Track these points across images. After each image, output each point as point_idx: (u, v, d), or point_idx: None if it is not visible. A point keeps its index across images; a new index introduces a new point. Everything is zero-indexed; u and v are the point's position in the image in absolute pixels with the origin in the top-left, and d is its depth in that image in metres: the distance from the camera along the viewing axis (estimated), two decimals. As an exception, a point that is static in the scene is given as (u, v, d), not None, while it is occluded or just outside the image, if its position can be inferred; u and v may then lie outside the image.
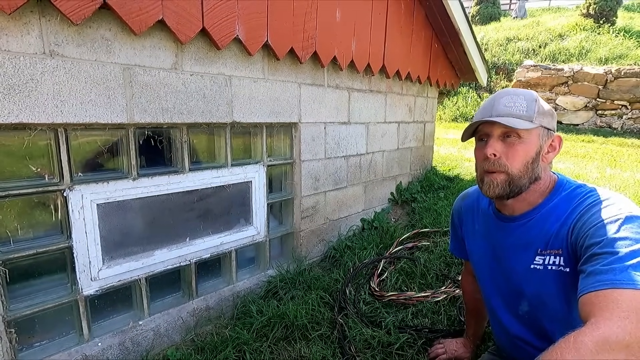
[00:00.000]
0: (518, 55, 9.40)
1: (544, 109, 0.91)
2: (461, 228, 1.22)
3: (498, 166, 0.91)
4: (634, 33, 9.00)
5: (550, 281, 0.90)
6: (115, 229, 1.53)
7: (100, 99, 1.34)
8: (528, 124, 0.88)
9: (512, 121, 0.88)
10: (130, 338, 1.58)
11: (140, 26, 1.32)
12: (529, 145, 0.90)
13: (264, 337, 1.67)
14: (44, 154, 1.33)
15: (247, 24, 1.65)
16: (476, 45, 3.29)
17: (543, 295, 0.93)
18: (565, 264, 0.86)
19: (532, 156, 0.90)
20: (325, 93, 2.26)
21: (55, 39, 1.21)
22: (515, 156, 0.90)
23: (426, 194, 3.27)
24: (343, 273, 2.19)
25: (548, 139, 0.92)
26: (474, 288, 1.28)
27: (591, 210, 0.82)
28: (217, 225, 1.89)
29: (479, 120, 0.93)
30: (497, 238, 1.03)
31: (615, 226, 0.75)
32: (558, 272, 0.88)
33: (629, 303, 0.64)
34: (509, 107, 0.90)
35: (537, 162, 0.91)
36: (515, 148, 0.90)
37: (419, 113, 3.29)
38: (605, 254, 0.73)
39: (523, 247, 0.95)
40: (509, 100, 0.91)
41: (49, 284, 1.43)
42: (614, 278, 0.68)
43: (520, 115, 0.89)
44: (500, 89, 0.98)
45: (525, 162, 0.90)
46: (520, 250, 0.95)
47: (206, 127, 1.74)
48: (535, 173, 0.92)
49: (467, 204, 1.19)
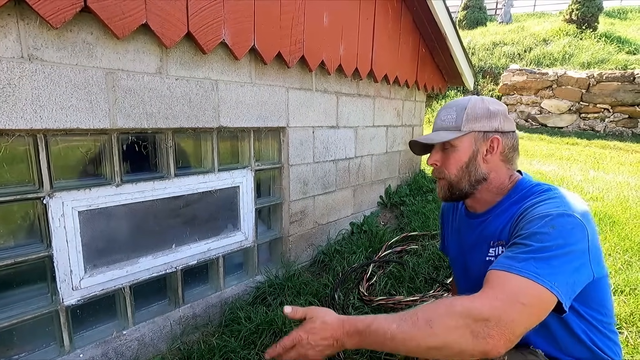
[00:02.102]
0: (504, 60, 9.58)
1: (475, 114, 0.95)
2: (444, 227, 1.29)
3: (439, 173, 1.01)
4: (614, 38, 9.26)
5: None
6: (98, 236, 1.49)
7: (82, 104, 1.31)
8: (453, 134, 0.95)
9: (439, 135, 0.97)
10: (113, 348, 1.54)
11: (123, 30, 1.29)
12: (461, 152, 0.97)
13: (252, 344, 1.65)
14: (22, 160, 1.29)
15: (234, 27, 1.64)
16: (463, 49, 3.33)
17: None
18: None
19: (464, 161, 0.97)
20: (313, 97, 2.25)
21: (34, 42, 1.18)
22: (449, 164, 0.98)
23: (415, 197, 3.29)
24: (332, 278, 2.18)
25: (485, 141, 0.96)
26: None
27: (534, 206, 0.86)
28: (204, 231, 1.86)
29: (415, 140, 1.05)
30: (464, 234, 1.10)
31: (542, 222, 0.79)
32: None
33: (511, 287, 0.72)
34: (443, 120, 0.99)
35: (474, 165, 0.97)
36: (449, 156, 0.98)
37: (407, 117, 3.31)
38: (521, 244, 0.79)
39: (481, 242, 1.00)
40: (444, 114, 1.00)
41: (28, 294, 1.38)
42: (512, 264, 0.75)
43: (448, 127, 0.97)
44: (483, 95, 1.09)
45: (459, 167, 0.97)
46: (479, 245, 1.01)
47: (192, 132, 1.72)
48: (475, 175, 0.97)
49: (447, 205, 1.26)
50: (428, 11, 2.82)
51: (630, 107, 7.21)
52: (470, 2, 13.74)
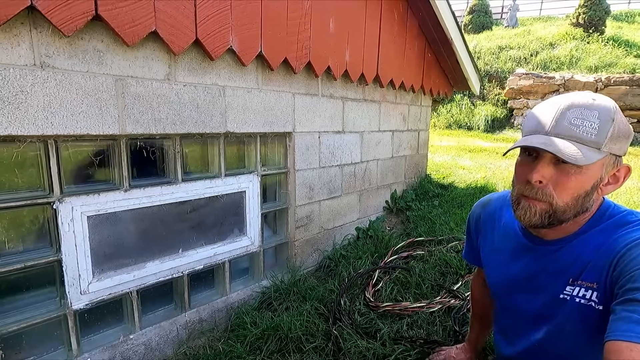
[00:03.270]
0: (510, 64, 9.53)
1: (619, 131, 0.72)
2: (477, 238, 1.11)
3: (541, 195, 0.76)
4: (622, 42, 9.18)
5: (577, 315, 0.79)
6: (106, 241, 1.50)
7: (92, 110, 1.33)
8: (593, 155, 0.70)
9: (573, 150, 0.69)
10: (120, 353, 1.54)
11: (133, 38, 1.31)
12: (587, 177, 0.73)
13: (258, 350, 1.65)
14: (33, 165, 1.31)
15: (241, 34, 1.66)
16: (468, 54, 3.33)
17: (566, 328, 0.83)
18: (599, 301, 0.75)
19: (586, 190, 0.74)
20: (319, 102, 2.26)
21: (46, 50, 1.20)
22: (565, 187, 0.74)
23: (421, 202, 3.28)
24: (338, 283, 2.17)
25: (613, 168, 0.75)
26: (484, 293, 1.22)
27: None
28: (210, 236, 1.87)
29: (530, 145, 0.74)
30: (523, 258, 0.91)
31: None
32: (588, 308, 0.76)
33: None
34: (575, 125, 0.71)
35: (592, 195, 0.76)
36: (569, 178, 0.73)
37: (412, 121, 3.31)
38: None
39: (553, 274, 0.83)
40: (577, 116, 0.72)
41: (37, 298, 1.40)
42: None
43: (586, 140, 0.70)
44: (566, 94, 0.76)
45: (576, 196, 0.75)
46: (549, 277, 0.84)
47: (199, 137, 1.73)
48: (584, 207, 0.77)
49: (487, 213, 1.06)
50: (434, 16, 2.82)
51: (639, 111, 7.13)
52: (476, 6, 13.73)
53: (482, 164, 5.10)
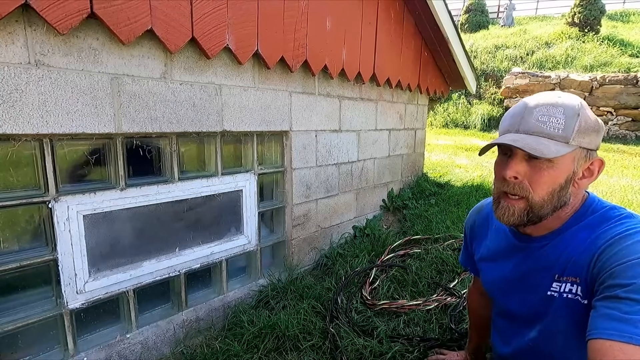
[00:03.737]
0: (506, 63, 9.57)
1: (587, 125, 0.74)
2: (472, 243, 1.12)
3: (518, 190, 0.78)
4: (617, 41, 9.24)
5: (565, 311, 0.81)
6: (102, 240, 1.50)
7: (88, 108, 1.32)
8: (561, 148, 0.73)
9: (541, 145, 0.72)
10: (117, 352, 1.54)
11: (129, 36, 1.31)
12: (559, 171, 0.75)
13: (255, 348, 1.65)
14: (28, 164, 1.30)
15: (237, 33, 1.65)
16: (465, 53, 3.34)
17: (558, 326, 0.84)
18: (583, 295, 0.76)
19: (560, 183, 0.76)
20: (316, 101, 2.26)
21: (41, 48, 1.20)
22: (540, 182, 0.76)
23: (417, 200, 3.29)
24: (335, 281, 2.18)
25: (586, 161, 0.77)
26: (480, 304, 1.22)
27: (622, 241, 0.70)
28: (207, 234, 1.86)
29: (499, 142, 0.77)
30: (513, 258, 0.93)
31: None
32: (574, 302, 0.78)
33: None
34: (542, 122, 0.74)
35: (567, 189, 0.77)
36: (542, 173, 0.76)
37: (409, 120, 3.32)
38: (630, 300, 0.62)
39: (540, 271, 0.85)
40: (543, 113, 0.75)
41: (32, 297, 1.39)
42: (635, 332, 0.60)
43: (553, 134, 0.73)
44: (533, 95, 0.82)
45: (551, 189, 0.77)
46: (537, 274, 0.85)
47: (196, 136, 1.73)
48: (561, 201, 0.78)
49: (481, 218, 1.08)
50: (430, 15, 2.83)
51: (633, 110, 7.19)
52: (472, 5, 13.77)
53: (478, 162, 5.12)
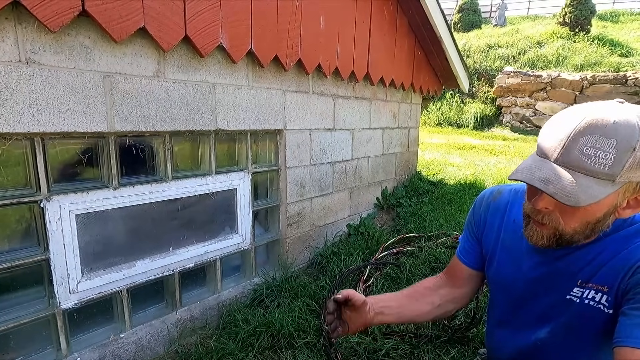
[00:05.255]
0: (499, 62, 9.65)
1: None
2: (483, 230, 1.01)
3: (547, 221, 0.73)
4: (607, 41, 9.37)
5: (583, 317, 0.78)
6: (95, 239, 1.49)
7: (80, 107, 1.31)
8: (603, 190, 0.63)
9: (577, 189, 0.62)
10: (111, 352, 1.53)
11: (121, 34, 1.30)
12: (599, 206, 0.67)
13: (250, 346, 1.65)
14: (19, 163, 1.29)
15: (231, 31, 1.65)
16: (458, 52, 3.37)
17: (573, 329, 0.81)
18: (609, 305, 0.73)
19: (597, 217, 0.69)
20: (310, 100, 2.27)
21: (31, 46, 1.18)
22: (573, 217, 0.70)
23: (411, 199, 3.31)
24: (329, 279, 2.19)
25: (634, 192, 0.68)
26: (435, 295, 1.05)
27: None
28: (201, 233, 1.86)
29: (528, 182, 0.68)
30: (532, 258, 0.88)
31: None
32: (596, 310, 0.75)
33: None
34: (587, 156, 0.62)
35: (605, 220, 0.70)
36: (577, 208, 0.67)
37: (403, 119, 3.34)
38: None
39: (562, 275, 0.81)
40: (590, 144, 0.62)
41: (24, 297, 1.38)
42: None
43: (597, 172, 0.62)
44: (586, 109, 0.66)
45: (585, 222, 0.70)
46: (558, 278, 0.82)
47: (189, 134, 1.72)
48: (596, 231, 0.73)
49: (496, 206, 0.99)
50: (423, 14, 2.84)
51: (622, 109, 7.28)
52: (465, 4, 13.85)
53: (471, 161, 5.17)
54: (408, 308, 1.04)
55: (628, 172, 0.62)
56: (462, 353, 1.55)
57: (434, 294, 1.04)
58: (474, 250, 1.04)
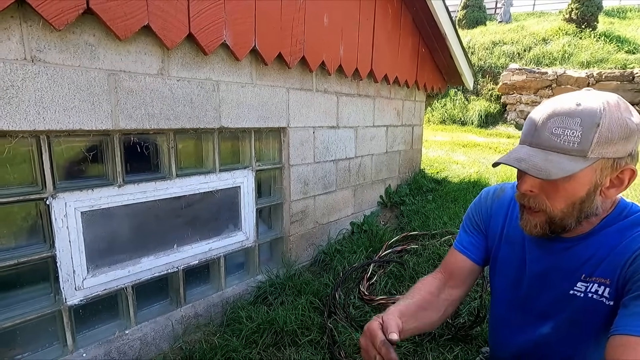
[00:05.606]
0: (504, 59, 9.57)
1: (611, 134, 0.67)
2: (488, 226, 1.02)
3: (535, 204, 0.76)
4: (614, 38, 9.26)
5: (587, 311, 0.80)
6: (101, 236, 1.50)
7: (84, 105, 1.32)
8: (576, 165, 0.67)
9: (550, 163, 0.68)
10: (116, 348, 1.55)
11: (125, 32, 1.30)
12: (577, 184, 0.71)
13: (254, 343, 1.66)
14: (25, 161, 1.30)
15: (235, 29, 1.65)
16: (462, 49, 3.34)
17: (576, 323, 0.83)
18: (610, 297, 0.75)
19: (580, 196, 0.72)
20: (313, 97, 2.26)
21: (37, 44, 1.19)
22: (556, 196, 0.73)
23: (415, 197, 3.30)
24: (333, 277, 2.19)
25: (613, 170, 0.71)
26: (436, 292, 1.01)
27: None
28: (205, 231, 1.87)
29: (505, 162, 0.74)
30: (534, 253, 0.90)
31: None
32: (598, 303, 0.77)
33: None
34: (556, 135, 0.69)
35: (591, 199, 0.73)
36: (557, 187, 0.72)
37: (407, 116, 3.32)
38: None
39: (564, 270, 0.83)
40: (557, 125, 0.69)
41: (31, 294, 1.39)
42: None
43: (567, 148, 0.68)
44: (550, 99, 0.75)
45: (570, 202, 0.73)
46: (560, 273, 0.84)
47: (193, 132, 1.72)
48: (585, 212, 0.75)
49: (500, 203, 1.01)
50: (428, 11, 2.83)
51: (629, 106, 7.21)
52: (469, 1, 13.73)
53: (475, 159, 5.14)
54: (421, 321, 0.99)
55: (598, 147, 0.67)
56: (466, 351, 1.55)
57: (438, 301, 1.01)
58: (479, 244, 1.03)
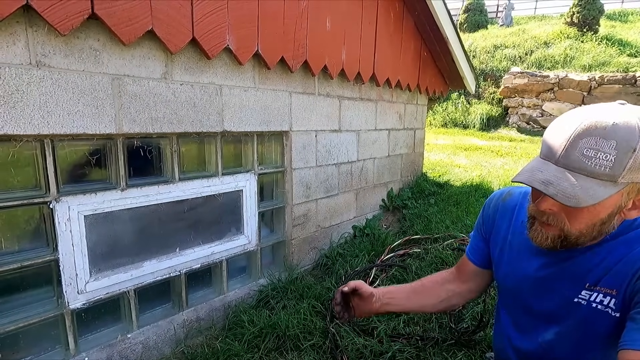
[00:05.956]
0: (505, 62, 9.59)
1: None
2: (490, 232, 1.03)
3: (553, 221, 0.73)
4: (615, 41, 9.26)
5: (590, 320, 0.78)
6: (103, 240, 1.50)
7: (88, 109, 1.33)
8: (604, 191, 0.63)
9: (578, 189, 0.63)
10: (118, 352, 1.55)
11: (130, 36, 1.31)
12: (602, 207, 0.68)
13: (256, 348, 1.65)
14: (29, 165, 1.30)
15: (238, 33, 1.66)
16: (464, 53, 3.35)
17: (580, 331, 0.82)
18: (616, 308, 0.74)
19: (602, 218, 0.70)
20: (316, 101, 2.27)
21: (42, 49, 1.20)
22: (577, 218, 0.70)
23: (417, 200, 3.30)
24: (335, 281, 2.18)
25: (638, 193, 0.68)
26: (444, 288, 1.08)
27: None
28: (207, 234, 1.87)
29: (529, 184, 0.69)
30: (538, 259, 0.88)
31: None
32: (603, 314, 0.76)
33: None
34: (587, 157, 0.63)
35: (610, 221, 0.71)
36: (582, 210, 0.68)
37: (409, 120, 3.32)
38: None
39: (569, 278, 0.81)
40: (590, 146, 0.63)
41: (34, 297, 1.39)
42: None
43: (598, 173, 0.63)
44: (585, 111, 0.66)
45: (591, 224, 0.71)
46: (565, 280, 0.82)
47: (196, 136, 1.73)
48: (602, 232, 0.73)
49: (506, 206, 1.00)
50: (429, 15, 2.83)
51: (632, 109, 7.19)
52: (471, 5, 13.78)
53: (477, 162, 5.13)
54: (413, 301, 1.09)
55: (630, 173, 0.62)
56: (469, 357, 1.54)
57: (440, 288, 1.09)
58: (480, 249, 1.05)
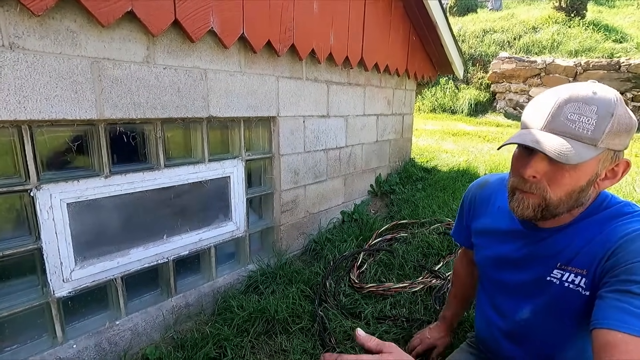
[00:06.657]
0: (494, 47, 9.59)
1: (620, 126, 0.68)
2: (471, 218, 1.11)
3: (535, 189, 0.76)
4: (602, 27, 9.33)
5: (562, 299, 0.82)
6: (88, 228, 1.48)
7: (67, 94, 1.28)
8: (587, 152, 0.68)
9: (567, 148, 0.67)
10: (107, 338, 1.55)
11: (108, 18, 1.26)
12: (582, 173, 0.72)
13: (245, 332, 1.68)
14: (7, 152, 1.26)
15: (222, 15, 1.61)
16: (453, 38, 3.33)
17: (553, 310, 0.86)
18: (586, 287, 0.77)
19: (581, 185, 0.73)
20: (303, 86, 2.24)
21: (15, 30, 1.14)
22: (559, 184, 0.73)
23: (404, 185, 3.33)
24: (323, 266, 2.21)
25: (611, 163, 0.73)
26: (468, 271, 1.28)
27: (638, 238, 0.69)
28: (195, 221, 1.86)
29: (521, 142, 0.73)
30: (514, 241, 0.93)
31: None
32: (574, 292, 0.79)
33: None
34: (571, 121, 0.68)
35: (587, 190, 0.75)
36: (563, 174, 0.72)
37: (397, 105, 3.32)
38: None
39: (543, 258, 0.85)
40: (574, 111, 0.69)
41: (18, 286, 1.38)
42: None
43: (581, 135, 0.68)
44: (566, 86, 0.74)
45: (570, 190, 0.74)
46: (539, 260, 0.86)
47: (181, 122, 1.70)
48: (579, 202, 0.76)
49: (484, 194, 1.06)
50: (419, -1, 2.80)
51: (615, 95, 7.32)
52: (461, -12, 13.63)
53: (465, 147, 5.19)
54: (465, 303, 1.41)
55: (607, 137, 0.68)
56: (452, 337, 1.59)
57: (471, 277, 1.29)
58: (463, 232, 1.17)
